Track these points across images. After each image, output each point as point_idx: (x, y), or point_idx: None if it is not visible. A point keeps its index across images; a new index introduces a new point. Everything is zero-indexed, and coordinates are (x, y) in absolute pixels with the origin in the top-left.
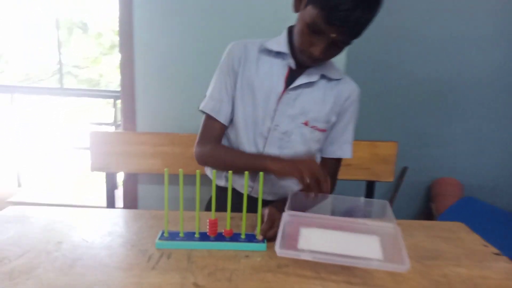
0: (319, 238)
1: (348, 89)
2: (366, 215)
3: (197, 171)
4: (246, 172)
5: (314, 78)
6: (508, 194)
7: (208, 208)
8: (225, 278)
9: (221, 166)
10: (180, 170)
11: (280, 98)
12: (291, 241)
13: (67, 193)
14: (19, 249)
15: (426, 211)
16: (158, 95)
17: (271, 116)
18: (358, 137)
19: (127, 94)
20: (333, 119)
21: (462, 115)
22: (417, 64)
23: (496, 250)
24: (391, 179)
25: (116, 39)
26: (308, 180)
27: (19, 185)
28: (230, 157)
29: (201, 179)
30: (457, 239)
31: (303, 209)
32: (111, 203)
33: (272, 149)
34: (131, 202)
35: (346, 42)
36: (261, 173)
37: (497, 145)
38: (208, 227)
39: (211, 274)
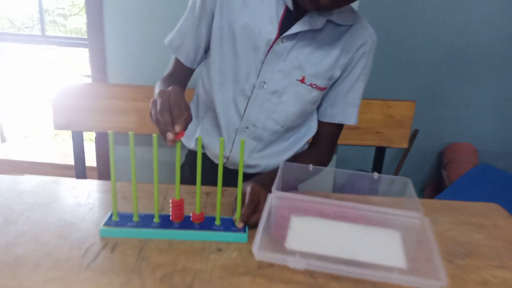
0: (316, 232)
1: (362, 36)
2: (373, 192)
3: (154, 135)
4: (221, 138)
5: (317, 24)
6: None
7: (184, 179)
8: (184, 285)
9: None
10: (130, 133)
11: (270, 47)
12: (279, 235)
13: (51, 150)
14: None
15: (437, 179)
16: (131, 41)
17: (256, 70)
18: (369, 95)
19: (96, 40)
20: (337, 73)
21: (483, 75)
22: (438, 17)
23: None
24: (404, 145)
25: None
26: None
27: (3, 140)
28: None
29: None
30: (494, 228)
31: (296, 183)
32: (80, 165)
33: (256, 112)
34: (105, 165)
35: None
36: (242, 140)
37: None
38: (171, 209)
39: (166, 278)
